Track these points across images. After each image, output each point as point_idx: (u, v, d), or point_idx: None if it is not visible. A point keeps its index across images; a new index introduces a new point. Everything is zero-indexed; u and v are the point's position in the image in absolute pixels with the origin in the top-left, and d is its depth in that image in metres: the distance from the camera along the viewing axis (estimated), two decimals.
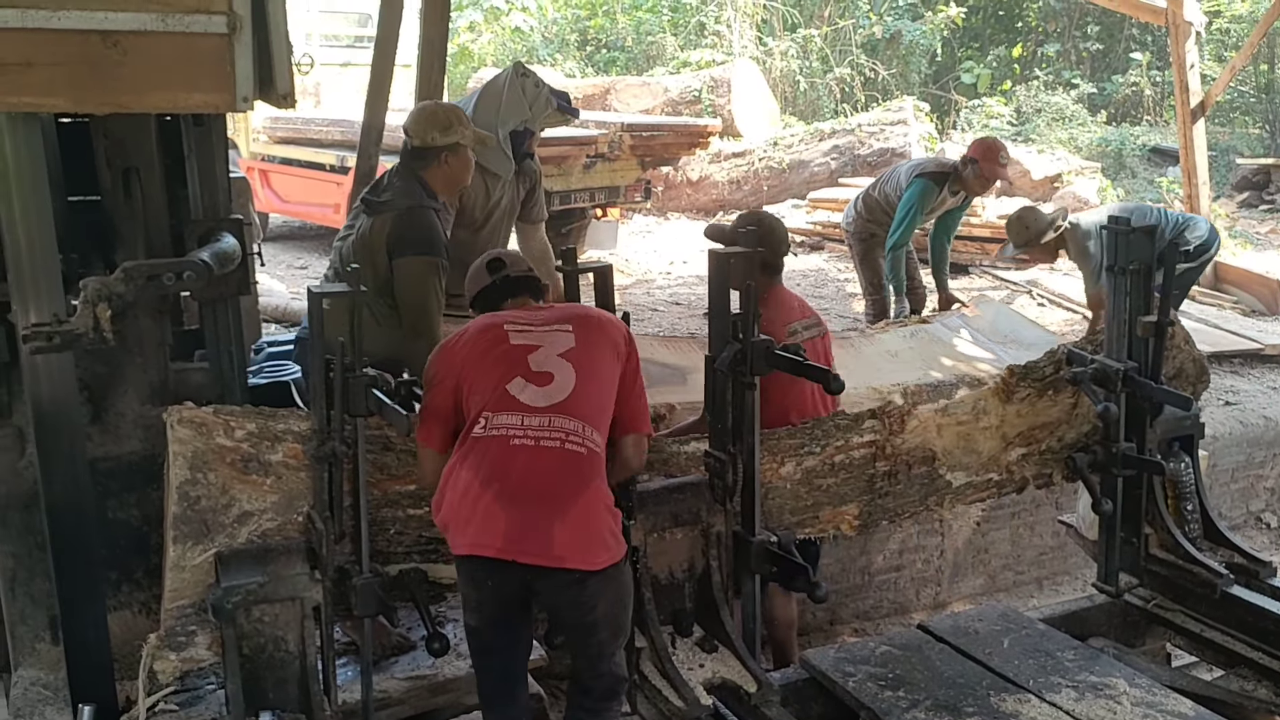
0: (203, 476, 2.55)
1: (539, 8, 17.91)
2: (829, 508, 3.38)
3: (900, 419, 3.41)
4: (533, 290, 2.92)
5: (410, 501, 2.81)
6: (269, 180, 10.39)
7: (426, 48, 6.46)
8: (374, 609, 2.61)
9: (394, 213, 3.65)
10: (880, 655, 3.28)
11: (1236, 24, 15.05)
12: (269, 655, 2.61)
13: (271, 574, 2.56)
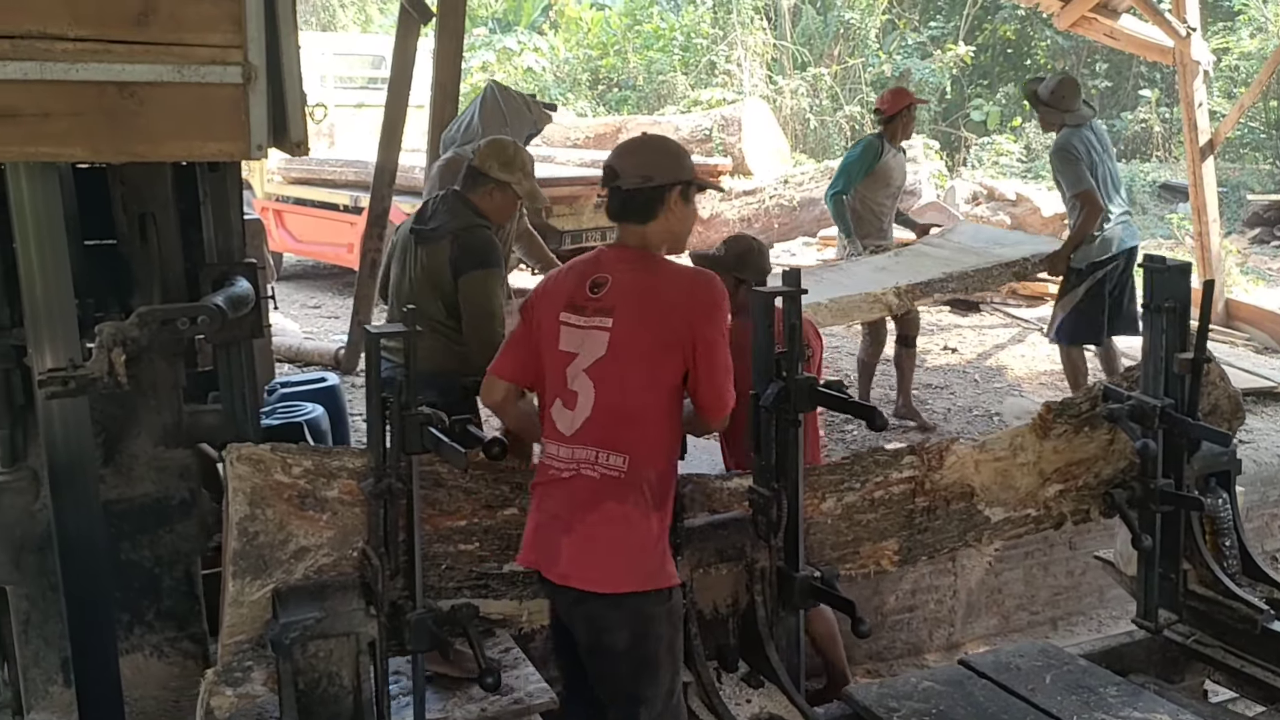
0: (261, 512, 2.57)
1: (551, 48, 18.12)
2: (869, 543, 3.41)
3: (939, 455, 3.45)
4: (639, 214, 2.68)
5: (461, 537, 2.84)
6: (283, 220, 10.49)
7: (439, 89, 6.55)
8: (426, 644, 2.63)
9: (450, 235, 3.78)
10: (923, 691, 3.31)
11: (1245, 61, 15.11)
12: (323, 690, 2.62)
13: (328, 609, 2.58)
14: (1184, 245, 11.34)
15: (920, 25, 17.54)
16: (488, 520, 2.87)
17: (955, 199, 11.69)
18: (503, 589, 2.90)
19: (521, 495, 2.87)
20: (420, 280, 3.82)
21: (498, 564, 2.90)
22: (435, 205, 3.94)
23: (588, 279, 2.65)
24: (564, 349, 2.63)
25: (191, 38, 2.38)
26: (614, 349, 2.57)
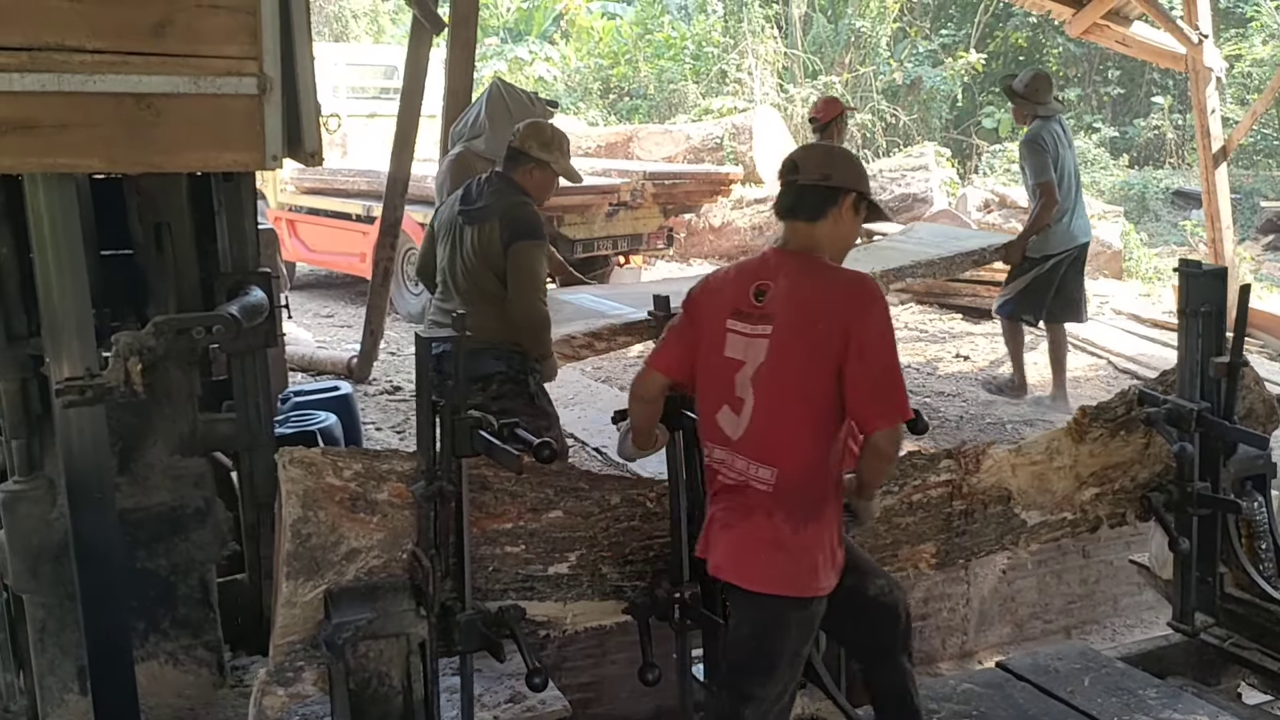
0: (313, 515, 2.58)
1: (562, 57, 18.17)
2: (908, 546, 3.42)
3: (975, 459, 3.45)
4: (810, 211, 2.64)
5: (508, 540, 2.85)
6: (296, 230, 10.53)
7: (451, 99, 6.57)
8: (476, 645, 2.66)
9: (499, 212, 3.95)
10: (962, 693, 3.35)
11: (1258, 67, 15.07)
12: (373, 690, 2.64)
13: (380, 610, 2.61)
14: (1197, 252, 11.30)
15: (931, 33, 17.55)
16: (533, 523, 2.88)
17: (967, 206, 11.67)
18: (548, 591, 2.91)
19: (566, 498, 2.89)
20: (474, 258, 3.97)
21: (543, 566, 2.90)
22: (480, 187, 4.07)
23: (752, 285, 2.63)
24: (730, 355, 2.63)
25: (208, 49, 2.40)
26: (771, 358, 2.56)
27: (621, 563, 2.97)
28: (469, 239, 3.98)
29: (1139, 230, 12.15)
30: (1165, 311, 9.18)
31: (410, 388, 7.10)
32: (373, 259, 7.31)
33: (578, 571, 2.92)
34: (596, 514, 2.92)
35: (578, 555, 2.91)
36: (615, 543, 2.96)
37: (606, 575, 2.96)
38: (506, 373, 4.01)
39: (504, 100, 4.93)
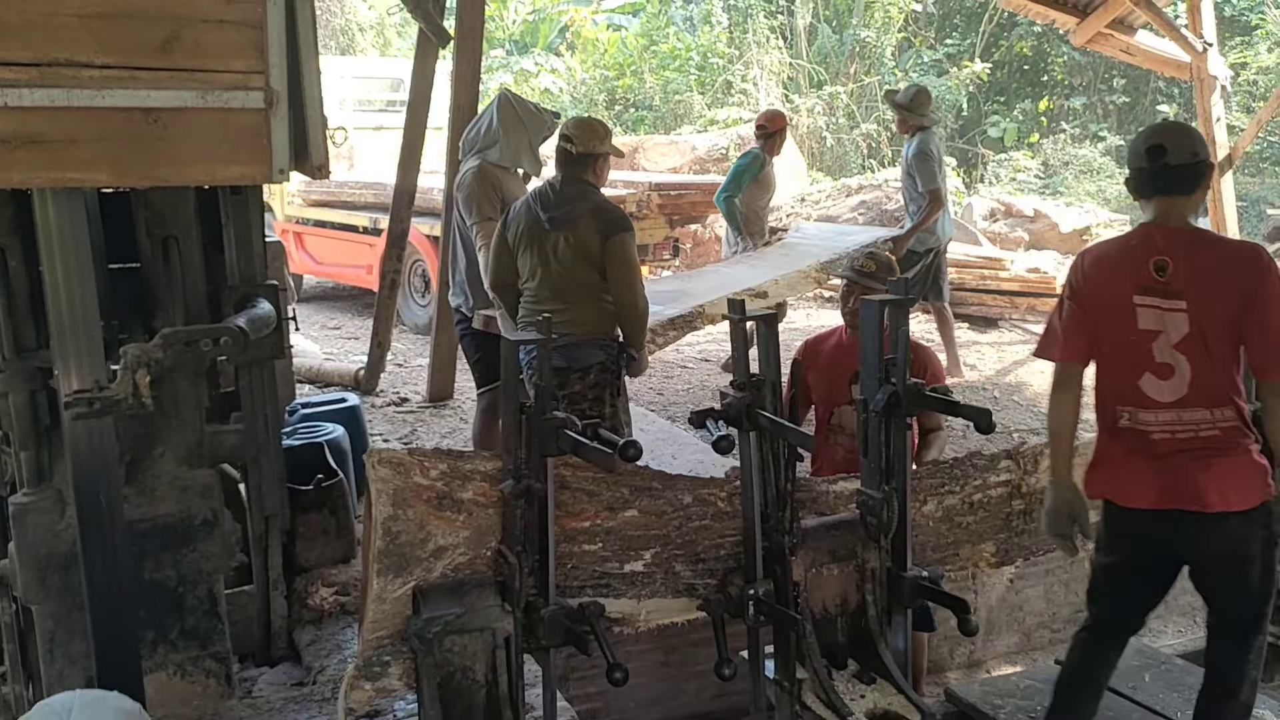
0: (403, 513, 2.64)
1: (568, 69, 18.23)
2: (968, 545, 3.49)
3: (1034, 459, 3.53)
4: (1186, 186, 2.94)
5: (585, 538, 2.92)
6: (303, 242, 10.57)
7: (457, 111, 6.59)
8: (560, 639, 2.73)
9: (588, 212, 4.20)
10: (1024, 689, 3.45)
11: (1263, 75, 15.06)
12: (457, 684, 2.72)
13: (467, 606, 2.68)
14: None
15: (936, 43, 17.56)
16: (609, 522, 2.94)
17: (973, 215, 11.68)
18: (623, 588, 2.98)
19: (641, 497, 2.96)
20: (571, 258, 4.17)
21: (619, 564, 2.97)
22: (554, 194, 4.26)
23: (1150, 262, 2.88)
24: (1145, 328, 2.87)
25: (215, 64, 2.43)
26: (1196, 327, 2.83)
27: (693, 561, 3.05)
28: (561, 242, 4.18)
29: None
30: None
31: (417, 399, 7.12)
32: (380, 271, 7.33)
33: (652, 569, 3.01)
34: (669, 513, 3.01)
35: (652, 553, 3.00)
36: (688, 541, 3.04)
37: (679, 573, 3.05)
38: (604, 363, 4.24)
39: (514, 110, 5.01)
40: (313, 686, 3.53)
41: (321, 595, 3.92)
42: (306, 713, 3.36)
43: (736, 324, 3.09)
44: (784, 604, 2.96)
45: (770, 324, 3.02)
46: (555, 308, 4.09)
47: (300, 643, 3.76)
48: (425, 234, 8.79)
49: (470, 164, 4.93)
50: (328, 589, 3.95)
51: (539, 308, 4.20)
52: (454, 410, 6.93)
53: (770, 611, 2.97)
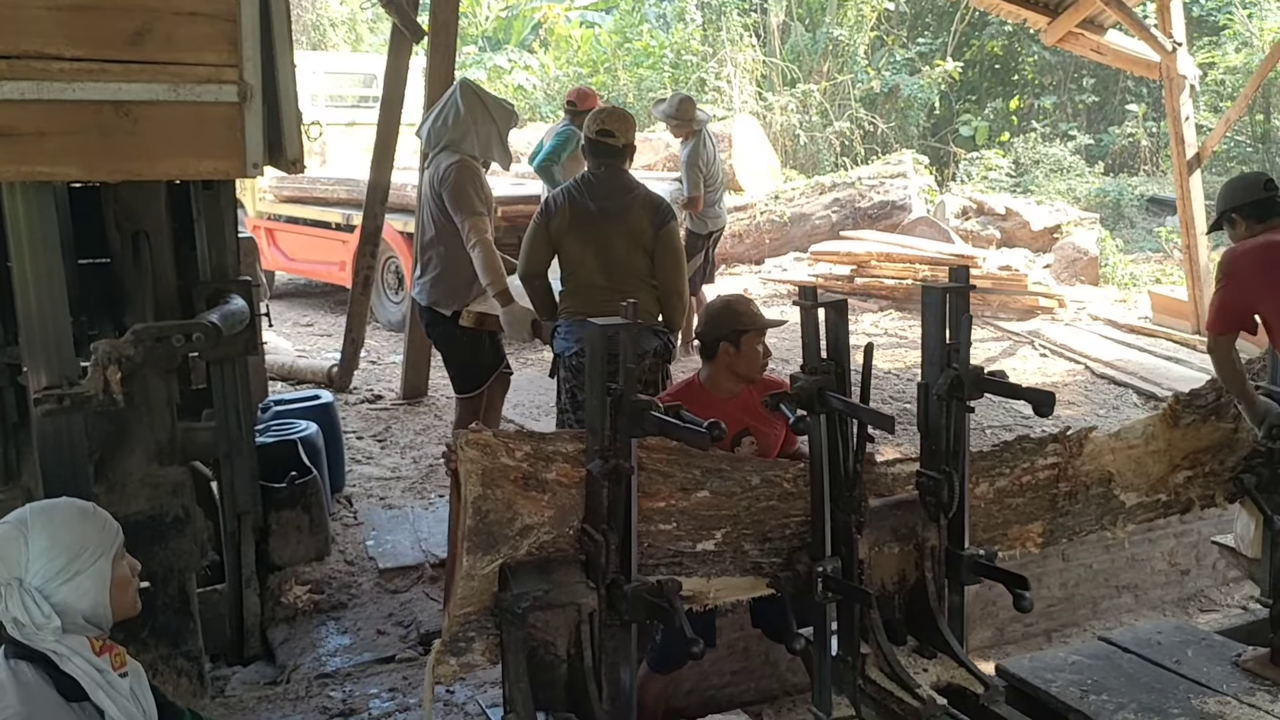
0: (492, 492, 2.70)
1: (541, 65, 18.19)
2: (1017, 525, 3.59)
3: (1079, 443, 3.63)
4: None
5: (660, 518, 2.99)
6: (275, 239, 10.50)
7: (431, 107, 6.56)
8: (644, 614, 2.80)
9: (639, 203, 4.35)
10: (1073, 664, 3.62)
11: (1231, 75, 15.21)
12: (539, 658, 2.80)
13: (554, 582, 2.75)
14: (1172, 258, 11.41)
15: (908, 41, 17.64)
16: (683, 502, 3.02)
17: (945, 213, 11.75)
18: (695, 567, 3.06)
19: (712, 479, 3.04)
20: (624, 246, 4.31)
21: (692, 543, 3.05)
22: (600, 185, 4.38)
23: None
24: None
25: (187, 57, 2.40)
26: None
27: (761, 540, 3.14)
28: (614, 231, 4.31)
29: (1114, 237, 12.24)
30: (1140, 317, 9.26)
31: (391, 396, 7.09)
32: (353, 267, 7.29)
33: (722, 548, 3.09)
34: (739, 493, 3.09)
35: (723, 533, 3.08)
36: (756, 521, 3.12)
37: (748, 552, 3.13)
38: (658, 348, 4.38)
39: (480, 101, 4.89)
40: (286, 685, 3.51)
41: (295, 593, 3.90)
42: (280, 711, 3.34)
43: (808, 310, 3.15)
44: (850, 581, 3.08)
45: (840, 310, 3.12)
46: (611, 295, 4.13)
47: (274, 641, 3.74)
48: (399, 230, 8.75)
49: (448, 158, 4.79)
50: (301, 586, 3.93)
51: (593, 295, 4.27)
52: (428, 407, 6.91)
53: (840, 588, 3.07)
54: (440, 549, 4.59)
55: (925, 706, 3.01)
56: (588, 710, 2.81)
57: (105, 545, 2.00)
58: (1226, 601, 5.30)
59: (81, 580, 1.95)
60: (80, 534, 1.98)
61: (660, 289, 4.35)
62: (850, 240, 10.82)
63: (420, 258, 4.97)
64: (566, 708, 2.86)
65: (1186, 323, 8.67)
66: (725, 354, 3.50)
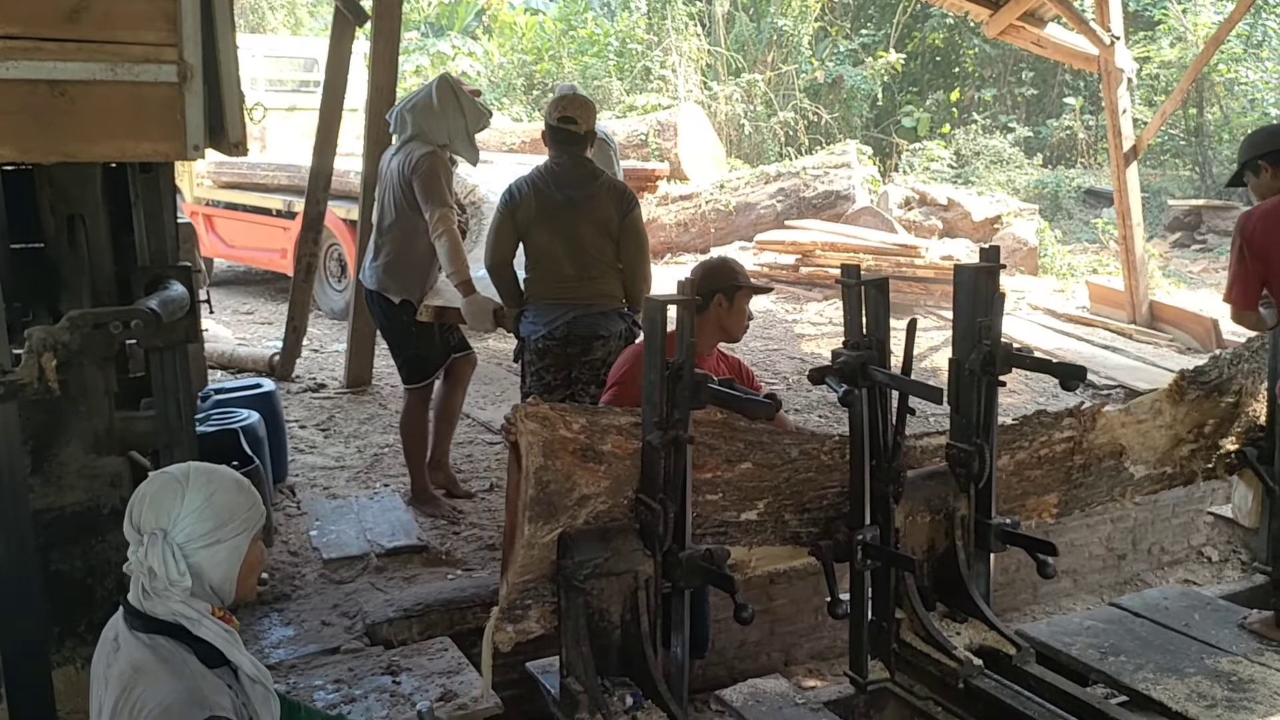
0: (552, 463, 2.79)
1: (485, 52, 18.04)
2: (1034, 497, 3.77)
3: (1092, 418, 3.81)
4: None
5: (708, 488, 3.10)
6: (214, 225, 10.33)
7: (375, 93, 6.48)
8: (700, 580, 2.91)
9: (604, 191, 4.45)
10: (1088, 628, 3.83)
11: (1166, 70, 15.51)
12: (594, 624, 2.90)
13: (613, 549, 2.87)
14: (1109, 249, 11.62)
15: (852, 33, 17.76)
16: (728, 474, 3.13)
17: (889, 203, 11.86)
18: (739, 536, 3.19)
19: (755, 451, 3.16)
20: (592, 234, 4.40)
21: (736, 513, 3.18)
22: (564, 174, 4.44)
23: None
24: None
25: (125, 35, 2.34)
26: None
27: (800, 510, 3.27)
28: (583, 221, 4.39)
29: (1053, 228, 12.44)
30: (1078, 307, 9.42)
31: (334, 385, 7.01)
32: (295, 254, 7.18)
33: (764, 518, 3.22)
34: (779, 465, 3.21)
35: (765, 503, 3.20)
36: (795, 492, 3.26)
37: (788, 522, 3.27)
38: (623, 330, 4.48)
39: (455, 96, 4.82)
40: None
41: None
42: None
43: (850, 288, 3.24)
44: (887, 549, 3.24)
45: (881, 288, 3.22)
46: (580, 281, 4.38)
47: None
48: (342, 218, 8.64)
49: (421, 147, 4.70)
50: None
51: (561, 282, 4.39)
52: (372, 396, 6.84)
53: (881, 554, 3.21)
54: (385, 539, 4.56)
55: (963, 667, 3.19)
56: (644, 674, 2.91)
57: (250, 523, 2.03)
58: (1161, 583, 5.42)
59: (219, 549, 1.98)
60: (232, 504, 2.00)
61: (627, 273, 4.48)
62: (795, 230, 10.88)
63: (375, 242, 4.85)
64: (619, 673, 2.97)
65: (1122, 312, 8.84)
66: (719, 306, 3.55)
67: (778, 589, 4.58)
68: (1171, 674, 3.49)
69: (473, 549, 4.60)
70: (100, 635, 2.07)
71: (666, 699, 2.86)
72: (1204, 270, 11.96)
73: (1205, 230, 13.60)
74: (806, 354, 8.03)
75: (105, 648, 2.00)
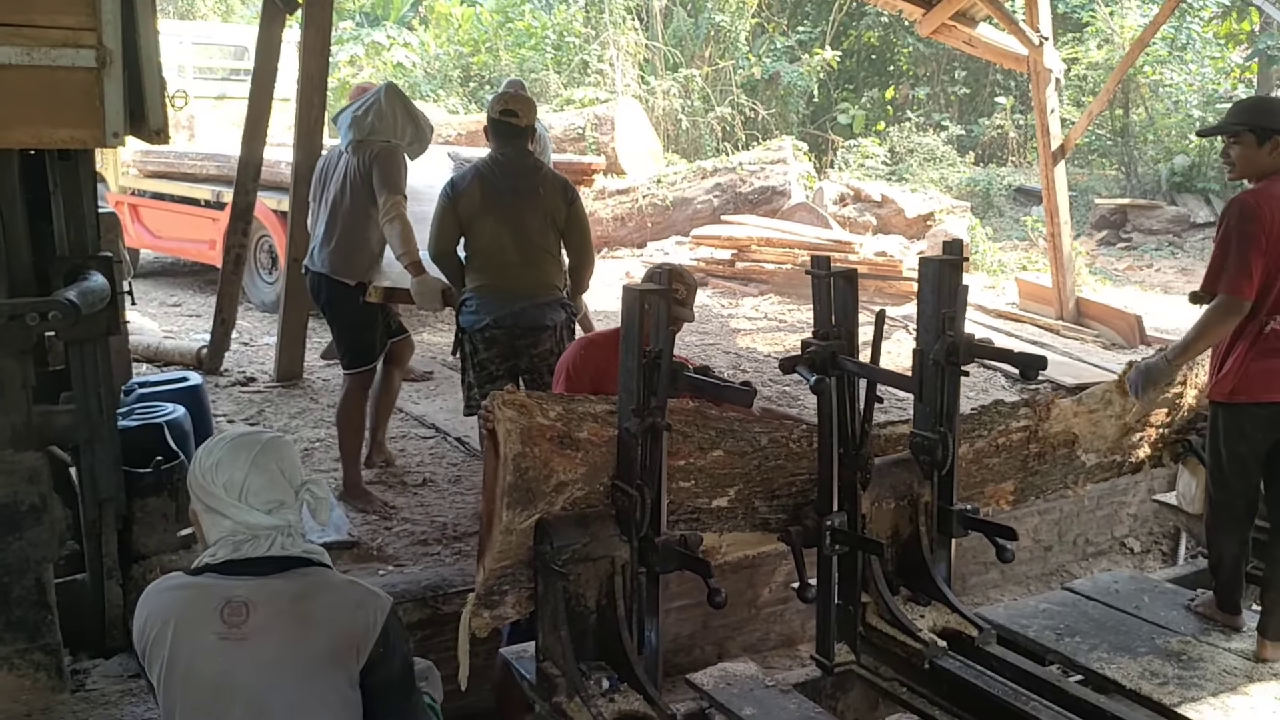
0: (530, 450, 2.81)
1: (421, 44, 17.86)
2: (992, 484, 3.86)
3: (1047, 408, 3.91)
4: None
5: (681, 475, 3.14)
6: (140, 215, 10.10)
7: (306, 81, 6.39)
8: (675, 565, 2.95)
9: (547, 182, 4.59)
10: (1043, 611, 3.96)
11: (1093, 70, 15.84)
12: (570, 609, 2.92)
13: (591, 535, 2.90)
14: (1038, 246, 11.84)
15: (789, 29, 17.87)
16: (700, 461, 3.17)
17: (824, 199, 11.97)
18: (710, 522, 3.24)
19: (726, 439, 3.22)
20: (538, 221, 4.52)
21: (708, 500, 3.22)
22: (509, 166, 4.55)
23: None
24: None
25: (42, 19, 2.28)
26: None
27: (769, 497, 3.33)
28: (527, 210, 4.50)
29: (984, 225, 12.63)
30: (1008, 303, 9.59)
31: (264, 379, 6.90)
32: (224, 246, 7.05)
33: (735, 505, 3.27)
34: (750, 453, 3.27)
35: (735, 490, 3.26)
36: (765, 479, 3.31)
37: (758, 508, 3.33)
38: (566, 320, 4.59)
39: (405, 104, 5.01)
40: None
41: None
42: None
43: (821, 279, 3.29)
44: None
45: (850, 280, 3.29)
46: (525, 271, 4.47)
47: None
48: (272, 209, 8.50)
49: (382, 143, 4.86)
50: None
51: (505, 270, 4.47)
52: (303, 390, 6.74)
53: (849, 539, 3.28)
54: (314, 535, 4.48)
55: (928, 648, 3.29)
56: (620, 658, 2.96)
57: None
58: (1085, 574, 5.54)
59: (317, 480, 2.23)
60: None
61: (574, 259, 4.66)
62: (731, 225, 10.94)
63: (327, 228, 4.91)
64: (595, 657, 3.00)
65: (1050, 308, 9.01)
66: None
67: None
68: (1124, 654, 3.63)
69: (405, 545, 4.55)
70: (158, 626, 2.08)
71: (643, 682, 2.91)
72: (1129, 268, 12.23)
73: (1130, 229, 13.92)
74: (742, 348, 8.08)
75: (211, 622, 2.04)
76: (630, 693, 2.93)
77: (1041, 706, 3.16)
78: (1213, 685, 3.44)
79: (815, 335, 3.26)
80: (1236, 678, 3.48)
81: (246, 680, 2.02)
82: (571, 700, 2.87)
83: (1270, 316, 3.51)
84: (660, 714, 2.85)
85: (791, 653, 4.77)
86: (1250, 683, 3.45)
